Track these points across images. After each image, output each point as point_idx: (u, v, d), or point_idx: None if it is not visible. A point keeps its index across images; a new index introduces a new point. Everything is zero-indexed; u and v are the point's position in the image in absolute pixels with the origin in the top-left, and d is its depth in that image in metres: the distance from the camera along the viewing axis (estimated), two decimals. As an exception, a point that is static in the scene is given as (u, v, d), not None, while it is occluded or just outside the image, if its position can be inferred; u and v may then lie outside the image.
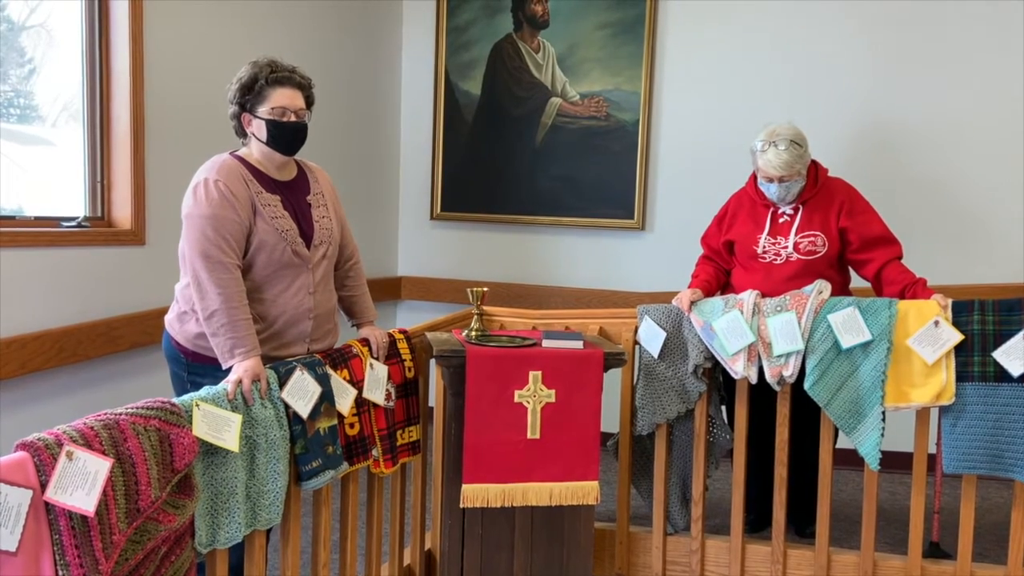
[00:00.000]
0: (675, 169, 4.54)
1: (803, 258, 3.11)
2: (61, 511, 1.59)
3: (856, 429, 2.84)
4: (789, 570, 3.00)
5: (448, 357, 2.63)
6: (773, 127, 3.11)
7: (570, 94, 4.64)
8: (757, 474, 3.24)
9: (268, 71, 2.38)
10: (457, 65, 4.79)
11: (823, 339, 2.83)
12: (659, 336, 3.00)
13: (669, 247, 4.48)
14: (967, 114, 4.15)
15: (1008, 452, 2.73)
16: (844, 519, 3.61)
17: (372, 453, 2.55)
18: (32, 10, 2.94)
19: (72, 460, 1.61)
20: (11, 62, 2.90)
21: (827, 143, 3.78)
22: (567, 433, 2.64)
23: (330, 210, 2.56)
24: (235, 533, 2.05)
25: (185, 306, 2.37)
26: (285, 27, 3.90)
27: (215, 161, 2.38)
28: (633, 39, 4.51)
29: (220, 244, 2.27)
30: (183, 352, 2.40)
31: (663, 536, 3.11)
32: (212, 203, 2.28)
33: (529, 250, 4.80)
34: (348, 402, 2.43)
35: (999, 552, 3.18)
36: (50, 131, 3.05)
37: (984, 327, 2.75)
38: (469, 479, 2.60)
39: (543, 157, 4.70)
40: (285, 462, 2.19)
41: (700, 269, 3.32)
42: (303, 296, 2.43)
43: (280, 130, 2.39)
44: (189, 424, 1.91)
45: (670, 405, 3.02)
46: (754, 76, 4.37)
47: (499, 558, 2.69)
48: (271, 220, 2.36)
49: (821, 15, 4.28)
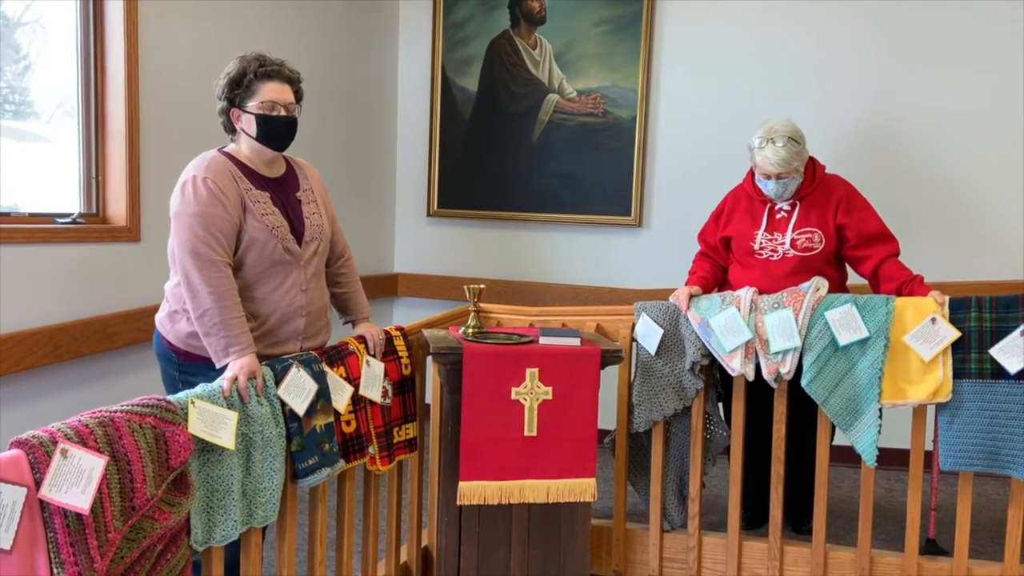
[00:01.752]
0: (672, 166, 4.54)
1: (800, 255, 3.11)
2: (56, 509, 1.58)
3: (853, 426, 2.84)
4: (786, 567, 3.00)
5: (445, 354, 2.63)
6: (771, 124, 3.11)
7: (567, 91, 4.63)
8: (754, 471, 3.24)
9: (256, 65, 2.35)
10: (454, 62, 4.78)
11: (820, 336, 2.83)
12: (656, 333, 2.99)
13: (666, 244, 4.48)
14: (965, 111, 4.15)
15: (1005, 449, 2.73)
16: (841, 516, 3.61)
17: (369, 450, 2.55)
18: (27, 7, 2.93)
19: (67, 458, 1.60)
20: (6, 58, 2.89)
21: (825, 140, 3.77)
22: (564, 430, 2.64)
23: (320, 206, 2.54)
24: (231, 531, 2.04)
25: (176, 305, 2.34)
26: (281, 24, 3.89)
27: (203, 158, 2.35)
28: (630, 35, 4.50)
29: (210, 242, 2.23)
30: (175, 351, 2.38)
31: (660, 533, 3.11)
32: (201, 201, 2.25)
33: (526, 247, 4.79)
34: (344, 399, 2.42)
35: (995, 549, 3.19)
36: (45, 127, 3.04)
37: (981, 324, 2.75)
38: (466, 476, 2.60)
39: (540, 154, 4.70)
40: (281, 459, 2.19)
41: (697, 266, 3.32)
42: (295, 293, 2.41)
43: (270, 124, 2.36)
44: (185, 422, 1.91)
45: (667, 402, 3.02)
46: (752, 72, 4.37)
47: (496, 555, 2.69)
48: (261, 217, 2.34)
49: (818, 11, 4.27)
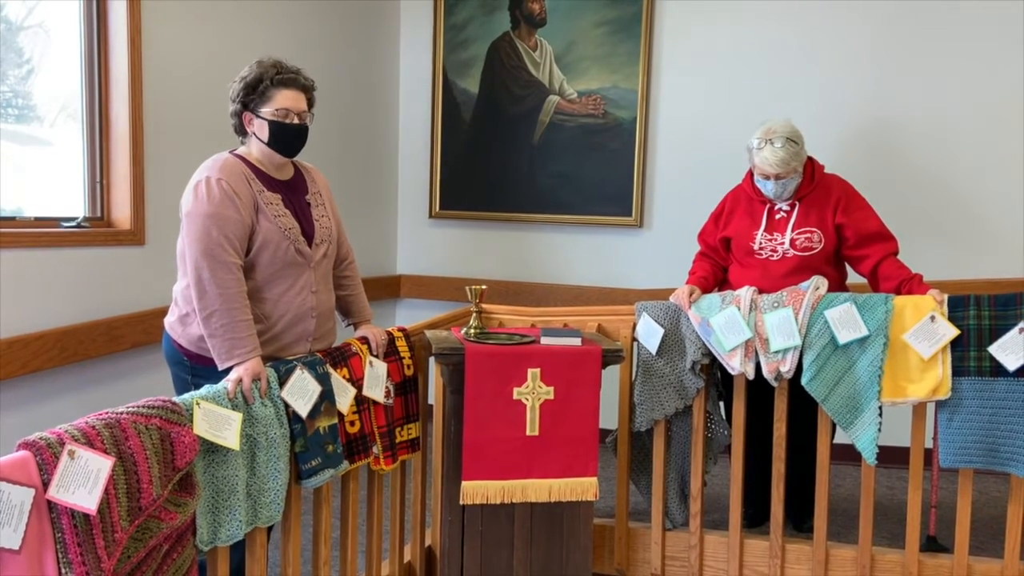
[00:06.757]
0: (672, 166, 4.55)
1: (800, 254, 3.12)
2: (63, 510, 1.60)
3: (853, 424, 2.85)
4: (787, 564, 3.02)
5: (447, 355, 2.64)
6: (769, 124, 3.12)
7: (568, 92, 4.65)
8: (755, 469, 3.25)
9: (274, 72, 2.37)
10: (455, 63, 4.80)
11: (820, 335, 2.85)
12: (657, 333, 3.01)
13: (667, 244, 4.49)
14: (963, 110, 4.15)
15: (1004, 446, 2.75)
16: (842, 514, 3.62)
17: (373, 450, 2.56)
18: (30, 10, 2.95)
19: (74, 459, 1.62)
20: (9, 62, 2.91)
21: (824, 140, 3.78)
22: (566, 430, 2.65)
23: (328, 209, 2.56)
24: (236, 531, 2.06)
25: (186, 308, 2.34)
26: (283, 26, 3.91)
27: (216, 159, 2.36)
28: (630, 37, 4.52)
29: (223, 243, 2.24)
30: (186, 354, 2.38)
31: (662, 532, 3.12)
32: (214, 201, 2.26)
33: (527, 248, 4.81)
34: (348, 400, 2.44)
35: (996, 546, 3.19)
36: (48, 131, 3.05)
37: (980, 322, 2.76)
38: (469, 476, 2.62)
39: (541, 155, 4.71)
40: (285, 460, 2.20)
41: (697, 266, 3.33)
42: (306, 295, 2.43)
43: (282, 131, 2.38)
44: (190, 423, 1.92)
45: (668, 401, 3.03)
46: (751, 73, 4.38)
47: (499, 554, 2.71)
48: (274, 219, 2.35)
49: (818, 12, 4.28)
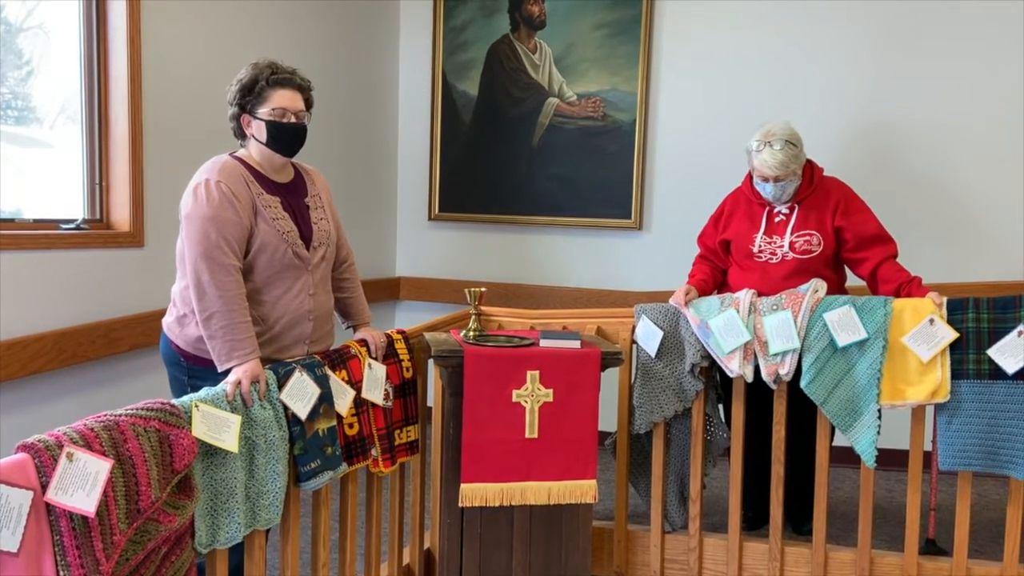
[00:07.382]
0: (672, 169, 4.55)
1: (799, 257, 3.12)
2: (62, 512, 1.60)
3: (852, 427, 2.85)
4: (786, 567, 3.01)
5: (446, 357, 2.64)
6: (768, 127, 3.12)
7: (567, 94, 4.65)
8: (754, 472, 3.25)
9: (269, 72, 2.38)
10: (454, 66, 4.80)
11: (819, 337, 2.85)
12: (656, 335, 3.01)
13: (666, 246, 4.49)
14: (962, 113, 4.16)
15: (1003, 449, 2.75)
16: (841, 517, 3.62)
17: (371, 452, 2.56)
18: (30, 12, 2.95)
19: (72, 461, 1.62)
20: (9, 64, 2.91)
21: (823, 143, 3.78)
22: (565, 432, 2.65)
23: (327, 212, 2.57)
24: (235, 533, 2.06)
25: (185, 309, 2.35)
26: (282, 28, 3.91)
27: (215, 162, 2.37)
28: (630, 39, 4.52)
29: (222, 245, 2.25)
30: (183, 356, 2.39)
31: (661, 534, 3.12)
32: (213, 204, 2.27)
33: (527, 250, 4.81)
34: (347, 402, 2.44)
35: (995, 549, 3.19)
36: (48, 133, 3.05)
37: (979, 325, 2.76)
38: (468, 478, 2.61)
39: (540, 157, 4.71)
40: (284, 463, 2.20)
41: (696, 268, 3.33)
42: (303, 298, 2.43)
43: (280, 131, 2.39)
44: (188, 425, 1.92)
45: (667, 404, 3.03)
46: (750, 76, 4.39)
47: (498, 557, 2.71)
48: (272, 221, 2.36)
49: (817, 14, 4.28)
